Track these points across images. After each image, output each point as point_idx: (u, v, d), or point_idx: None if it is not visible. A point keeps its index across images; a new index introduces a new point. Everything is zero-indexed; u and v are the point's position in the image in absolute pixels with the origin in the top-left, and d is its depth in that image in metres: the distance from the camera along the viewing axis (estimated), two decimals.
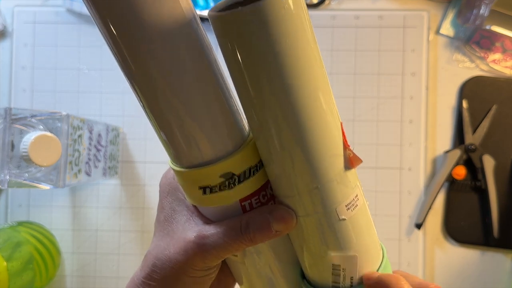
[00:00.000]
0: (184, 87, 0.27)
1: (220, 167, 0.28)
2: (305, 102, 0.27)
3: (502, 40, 0.68)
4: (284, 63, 0.26)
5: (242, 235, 0.29)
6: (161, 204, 0.35)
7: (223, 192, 0.29)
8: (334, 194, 0.28)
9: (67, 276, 0.71)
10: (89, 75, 0.71)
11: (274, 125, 0.27)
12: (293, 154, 0.27)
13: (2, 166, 0.49)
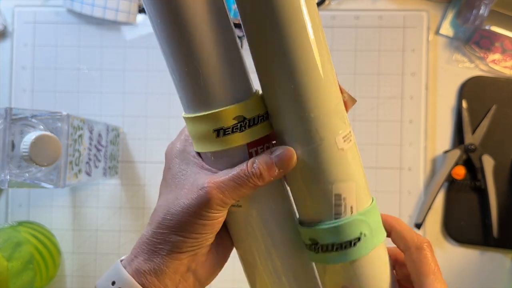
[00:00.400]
0: (214, 39, 0.32)
1: (233, 109, 0.32)
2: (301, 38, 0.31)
3: (501, 40, 0.68)
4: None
5: (250, 174, 0.32)
6: (168, 166, 0.36)
7: (235, 134, 0.33)
8: (334, 124, 0.32)
9: (67, 276, 0.71)
10: (89, 75, 0.71)
11: (280, 58, 0.31)
12: (297, 82, 0.31)
13: (2, 166, 0.49)
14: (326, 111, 0.31)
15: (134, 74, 0.71)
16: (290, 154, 0.32)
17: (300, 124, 0.31)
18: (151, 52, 0.71)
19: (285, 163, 0.32)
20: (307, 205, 0.33)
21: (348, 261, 0.32)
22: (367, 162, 0.69)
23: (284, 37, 0.30)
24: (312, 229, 0.33)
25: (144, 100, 0.71)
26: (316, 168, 0.32)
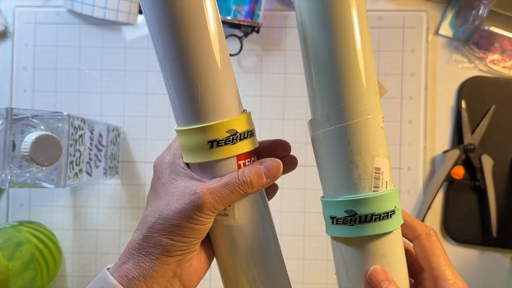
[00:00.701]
0: (214, 57, 0.36)
1: (227, 123, 0.36)
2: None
3: (501, 40, 0.69)
4: None
5: (240, 181, 0.35)
6: (157, 176, 0.39)
7: (227, 146, 0.36)
8: (377, 104, 0.35)
9: (68, 276, 0.71)
10: (90, 75, 0.72)
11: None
12: (360, 62, 0.35)
13: (3, 166, 0.49)
14: (372, 91, 0.35)
15: (134, 74, 0.71)
16: (278, 164, 0.37)
17: (353, 97, 0.34)
18: (152, 53, 0.71)
19: (272, 172, 0.37)
20: (344, 177, 0.35)
21: (384, 231, 0.35)
22: None
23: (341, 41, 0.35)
24: (351, 200, 0.35)
25: (144, 100, 0.71)
26: (361, 140, 0.35)
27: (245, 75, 0.71)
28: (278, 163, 0.37)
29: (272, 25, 0.71)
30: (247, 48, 0.70)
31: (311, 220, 0.70)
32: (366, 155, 0.35)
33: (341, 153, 0.35)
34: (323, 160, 0.37)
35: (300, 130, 0.70)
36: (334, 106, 0.35)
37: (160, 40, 0.35)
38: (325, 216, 0.37)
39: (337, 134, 0.35)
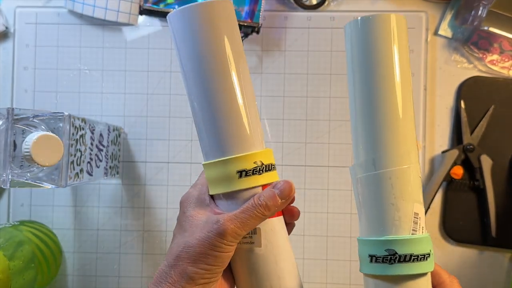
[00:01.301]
0: (242, 102, 0.40)
1: (254, 155, 0.40)
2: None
3: (500, 40, 0.69)
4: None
5: (257, 205, 0.38)
6: (183, 211, 0.41)
7: (254, 176, 0.39)
8: (417, 155, 0.39)
9: (69, 275, 0.71)
10: (91, 76, 0.72)
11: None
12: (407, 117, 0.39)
13: (4, 166, 0.49)
14: (414, 142, 0.39)
15: (135, 74, 0.72)
16: (290, 185, 0.40)
17: (400, 146, 0.38)
18: (152, 53, 0.72)
19: (285, 193, 0.40)
20: (385, 218, 0.38)
21: (420, 272, 0.37)
22: None
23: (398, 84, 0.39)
24: (393, 240, 0.37)
25: (144, 101, 0.72)
26: (404, 185, 0.38)
27: None
28: (289, 184, 0.40)
29: (272, 25, 0.71)
30: (247, 48, 0.70)
31: (310, 220, 0.70)
32: (407, 200, 0.38)
33: (385, 196, 0.38)
34: (365, 201, 0.40)
35: (300, 130, 0.70)
36: (381, 153, 0.38)
37: (193, 82, 0.40)
38: (362, 255, 0.39)
39: (382, 178, 0.38)
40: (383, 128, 0.38)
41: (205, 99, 0.40)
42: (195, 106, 0.40)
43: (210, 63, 0.39)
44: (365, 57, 0.39)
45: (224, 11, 0.40)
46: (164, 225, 0.71)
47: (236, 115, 0.39)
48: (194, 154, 0.71)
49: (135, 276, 0.71)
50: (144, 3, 0.69)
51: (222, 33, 0.39)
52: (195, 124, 0.41)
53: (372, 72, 0.38)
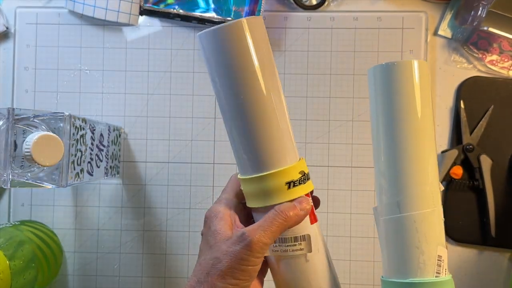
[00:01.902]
0: (285, 118, 0.41)
1: (298, 166, 0.41)
2: None
3: (499, 41, 0.69)
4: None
5: (278, 212, 0.39)
6: (208, 226, 0.42)
7: (300, 186, 0.41)
8: (440, 198, 0.40)
9: (69, 275, 0.71)
10: (91, 76, 0.72)
11: None
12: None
13: (5, 166, 0.49)
14: (437, 185, 0.40)
15: (135, 74, 0.72)
16: (307, 201, 0.41)
17: (424, 189, 0.39)
18: (152, 53, 0.72)
19: (303, 206, 0.40)
20: (410, 261, 0.39)
21: None
22: (366, 162, 0.70)
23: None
24: (418, 283, 0.39)
25: (145, 101, 0.72)
26: (428, 228, 0.39)
27: None
28: (307, 199, 0.41)
29: (272, 25, 0.71)
30: None
31: None
32: (431, 243, 0.39)
33: (409, 239, 0.39)
34: (389, 243, 0.41)
35: (299, 130, 0.71)
36: (406, 196, 0.39)
37: (232, 102, 0.40)
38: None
39: (407, 221, 0.39)
40: (408, 171, 0.39)
41: (246, 117, 0.40)
42: (234, 124, 0.41)
43: (248, 81, 0.39)
44: (389, 102, 0.40)
45: (256, 28, 0.40)
46: (164, 225, 0.71)
47: (279, 130, 0.40)
48: (194, 154, 0.71)
49: (135, 276, 0.71)
50: (144, 4, 0.69)
51: (256, 50, 0.39)
52: (232, 141, 0.42)
53: (396, 117, 0.40)
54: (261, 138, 0.40)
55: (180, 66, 0.72)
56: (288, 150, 0.41)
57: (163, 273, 0.71)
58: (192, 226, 0.71)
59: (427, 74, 0.41)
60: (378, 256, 0.68)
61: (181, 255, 0.71)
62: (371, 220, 0.69)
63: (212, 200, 0.71)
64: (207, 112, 0.71)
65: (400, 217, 0.39)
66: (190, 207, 0.71)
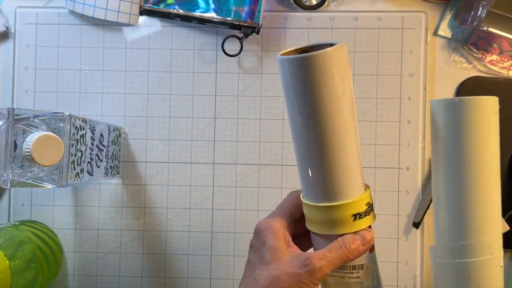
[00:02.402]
0: (356, 149, 0.41)
1: (365, 198, 0.41)
2: None
3: (499, 41, 0.69)
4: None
5: (342, 246, 0.40)
6: (262, 240, 0.43)
7: (365, 218, 0.41)
8: (500, 242, 0.38)
9: (69, 275, 0.71)
10: (91, 76, 0.72)
11: None
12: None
13: (5, 166, 0.49)
14: (498, 230, 0.38)
15: (135, 74, 0.72)
16: (371, 234, 0.42)
17: (480, 236, 0.37)
18: (152, 53, 0.72)
19: (366, 240, 0.41)
20: None
21: None
22: (366, 163, 0.70)
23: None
24: None
25: (145, 101, 0.72)
26: (482, 277, 0.37)
27: (245, 75, 0.71)
28: (371, 233, 0.42)
29: (272, 26, 0.71)
30: (247, 48, 0.71)
31: None
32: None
33: (460, 286, 0.38)
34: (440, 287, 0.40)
35: None
36: (460, 242, 0.37)
37: (308, 128, 0.39)
38: None
39: (459, 268, 0.38)
40: (468, 217, 0.37)
41: (322, 147, 0.39)
42: (308, 152, 0.40)
43: (329, 112, 0.38)
44: (454, 141, 0.38)
45: (342, 58, 0.39)
46: (164, 225, 0.71)
47: (353, 161, 0.40)
48: (194, 154, 0.71)
49: (135, 276, 0.71)
50: (144, 4, 0.69)
51: (339, 79, 0.38)
52: (302, 167, 0.41)
53: (463, 160, 0.37)
54: (335, 169, 0.40)
55: (180, 66, 0.72)
56: (358, 181, 0.41)
57: (163, 273, 0.71)
58: (192, 226, 0.71)
59: (496, 111, 0.39)
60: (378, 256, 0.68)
61: (181, 255, 0.71)
62: None
63: (212, 200, 0.71)
64: (207, 112, 0.71)
65: (452, 263, 0.38)
66: (190, 207, 0.71)
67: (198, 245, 0.71)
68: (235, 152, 0.71)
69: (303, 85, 0.38)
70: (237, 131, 0.71)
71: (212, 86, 0.72)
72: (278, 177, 0.71)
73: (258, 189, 0.71)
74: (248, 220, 0.71)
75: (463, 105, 0.38)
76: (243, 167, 0.71)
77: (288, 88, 0.40)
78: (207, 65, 0.72)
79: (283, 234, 0.43)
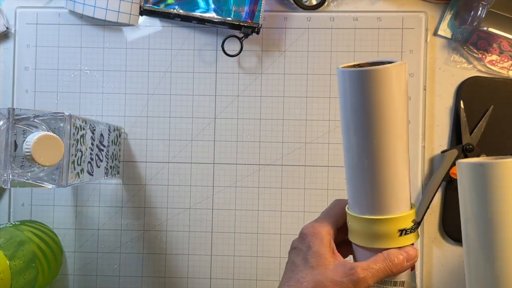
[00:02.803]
0: (407, 166, 0.41)
1: (412, 214, 0.41)
2: None
3: (499, 41, 0.69)
4: None
5: (386, 259, 0.41)
6: (308, 244, 0.44)
7: (410, 234, 0.41)
8: None
9: (69, 275, 0.71)
10: (91, 76, 0.72)
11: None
12: None
13: (5, 166, 0.49)
14: None
15: (135, 74, 0.72)
16: (415, 251, 0.42)
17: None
18: (152, 53, 0.72)
19: (411, 256, 0.42)
20: None
21: None
22: None
23: None
24: None
25: (145, 101, 0.72)
26: None
27: (245, 75, 0.71)
28: (415, 250, 0.43)
29: (272, 26, 0.71)
30: (247, 48, 0.71)
31: (310, 219, 0.70)
32: None
33: None
34: None
35: (299, 131, 0.71)
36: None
37: (361, 141, 0.40)
38: None
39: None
40: (499, 277, 0.37)
41: (374, 160, 0.40)
42: (359, 164, 0.41)
43: (385, 127, 0.39)
44: (482, 203, 0.38)
45: (401, 75, 0.39)
46: (164, 225, 0.71)
47: (403, 176, 0.40)
48: (194, 154, 0.71)
49: (135, 276, 0.71)
50: (144, 4, 0.69)
51: (398, 95, 0.39)
52: (351, 178, 0.42)
53: (492, 223, 0.37)
54: (386, 183, 0.40)
55: (180, 66, 0.72)
56: (407, 197, 0.41)
57: (163, 273, 0.71)
58: (192, 226, 0.71)
59: None
60: None
61: (181, 255, 0.71)
62: None
63: (212, 200, 0.71)
64: (207, 112, 0.72)
65: None
66: (190, 207, 0.71)
67: (198, 245, 0.71)
68: (235, 152, 0.71)
69: (363, 98, 0.39)
70: (237, 131, 0.71)
71: (212, 86, 0.72)
72: (278, 177, 0.71)
73: (258, 189, 0.71)
74: (248, 220, 0.71)
75: (492, 168, 0.38)
76: (243, 167, 0.71)
77: (346, 100, 0.40)
78: (207, 65, 0.72)
79: (329, 241, 0.44)
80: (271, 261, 0.71)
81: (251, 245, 0.71)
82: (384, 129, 0.39)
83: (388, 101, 0.38)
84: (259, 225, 0.71)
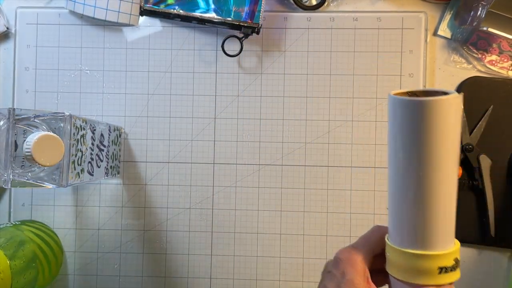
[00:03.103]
0: (454, 200, 0.39)
1: (455, 252, 0.40)
2: None
3: (499, 41, 0.69)
4: None
5: None
6: (342, 270, 0.43)
7: (450, 273, 0.39)
8: None
9: (69, 275, 0.71)
10: (91, 76, 0.72)
11: None
12: None
13: (5, 166, 0.49)
14: None
15: (135, 75, 0.72)
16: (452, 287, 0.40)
17: None
18: (152, 53, 0.72)
19: None
20: None
21: None
22: (366, 163, 0.70)
23: None
24: None
25: (145, 101, 0.72)
26: None
27: (245, 75, 0.71)
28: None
29: (272, 26, 0.71)
30: (247, 49, 0.71)
31: (310, 219, 0.70)
32: None
33: None
34: None
35: (299, 131, 0.71)
36: None
37: (410, 172, 0.38)
38: None
39: None
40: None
41: (420, 192, 0.38)
42: (403, 194, 0.40)
43: (434, 160, 0.38)
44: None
45: (456, 108, 0.38)
46: (164, 225, 0.71)
47: (450, 212, 0.39)
48: (194, 154, 0.72)
49: (135, 276, 0.71)
50: (144, 4, 0.69)
51: (452, 128, 0.38)
52: (394, 208, 0.41)
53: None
54: (430, 219, 0.39)
55: (180, 66, 0.72)
56: (451, 233, 0.40)
57: (163, 273, 0.71)
58: (192, 226, 0.71)
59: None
60: None
61: (181, 255, 0.71)
62: (370, 220, 0.69)
63: (212, 200, 0.71)
64: (207, 112, 0.72)
65: None
66: (190, 207, 0.71)
67: (198, 245, 0.71)
68: (235, 152, 0.71)
69: (414, 128, 0.38)
70: (237, 131, 0.71)
71: (212, 86, 0.72)
72: (278, 177, 0.71)
73: (258, 189, 0.71)
74: (248, 220, 0.71)
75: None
76: (243, 167, 0.71)
77: (395, 129, 0.39)
78: (207, 65, 0.72)
79: (363, 269, 0.43)
80: (271, 261, 0.71)
81: (251, 245, 0.71)
82: (437, 162, 0.38)
83: (444, 133, 0.37)
84: (259, 225, 0.71)
